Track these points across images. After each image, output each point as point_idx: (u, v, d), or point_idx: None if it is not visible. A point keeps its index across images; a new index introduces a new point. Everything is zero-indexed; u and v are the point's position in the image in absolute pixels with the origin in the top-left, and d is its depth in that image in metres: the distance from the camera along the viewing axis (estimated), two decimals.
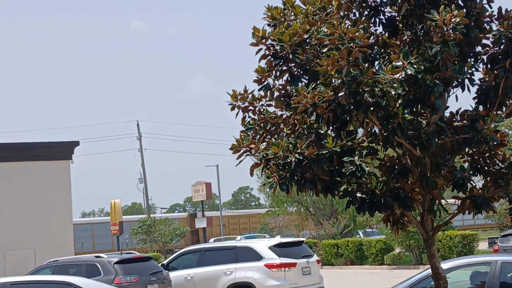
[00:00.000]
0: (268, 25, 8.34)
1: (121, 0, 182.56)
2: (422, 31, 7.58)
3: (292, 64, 7.83)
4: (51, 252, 24.61)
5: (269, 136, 8.16)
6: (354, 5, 7.92)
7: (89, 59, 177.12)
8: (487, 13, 7.80)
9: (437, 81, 7.27)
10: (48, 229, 27.44)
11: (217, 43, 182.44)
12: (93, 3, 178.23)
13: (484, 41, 7.92)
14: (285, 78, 7.96)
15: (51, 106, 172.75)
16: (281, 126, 8.21)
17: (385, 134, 7.37)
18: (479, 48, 7.98)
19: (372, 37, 7.88)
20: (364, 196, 7.62)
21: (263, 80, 8.08)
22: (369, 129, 7.63)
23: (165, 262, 19.92)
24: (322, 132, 7.79)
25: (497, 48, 7.87)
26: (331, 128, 7.69)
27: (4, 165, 27.41)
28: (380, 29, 8.06)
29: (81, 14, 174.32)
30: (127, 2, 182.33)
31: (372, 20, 7.97)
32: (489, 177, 8.05)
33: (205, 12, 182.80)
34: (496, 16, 7.88)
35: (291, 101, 7.68)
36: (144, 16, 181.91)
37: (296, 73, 7.89)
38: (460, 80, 7.67)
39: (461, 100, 8.00)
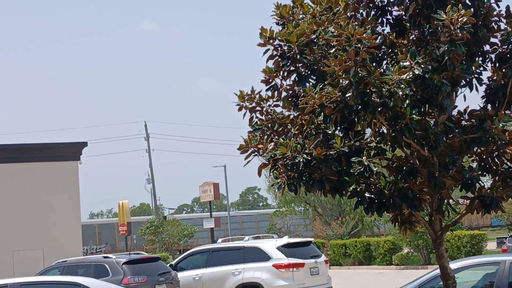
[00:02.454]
0: (277, 23, 8.33)
1: (131, 1, 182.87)
2: (430, 31, 7.56)
3: (300, 65, 7.82)
4: (60, 253, 24.68)
5: (276, 137, 8.16)
6: (361, 5, 7.91)
7: (97, 60, 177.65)
8: (495, 12, 7.76)
9: (444, 81, 7.25)
10: (57, 230, 27.53)
11: (225, 42, 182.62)
12: (103, 4, 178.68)
13: (492, 40, 7.89)
14: (292, 78, 7.95)
15: (59, 107, 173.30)
16: (288, 127, 8.20)
17: (393, 134, 7.36)
18: (487, 47, 7.94)
19: (379, 37, 7.86)
20: (372, 196, 7.61)
21: (270, 81, 8.07)
22: (377, 130, 7.62)
23: (173, 262, 19.95)
24: (330, 132, 7.79)
25: (505, 47, 7.84)
26: (339, 128, 7.69)
27: (12, 166, 27.51)
28: (387, 29, 8.04)
29: (90, 15, 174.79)
30: (138, 2, 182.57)
31: (379, 20, 7.95)
32: (497, 177, 8.02)
33: (214, 11, 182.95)
34: (504, 15, 7.86)
35: (299, 102, 7.68)
36: (154, 16, 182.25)
37: (303, 73, 7.87)
38: (468, 79, 7.64)
39: (470, 99, 7.99)
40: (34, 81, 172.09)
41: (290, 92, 8.10)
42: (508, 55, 7.81)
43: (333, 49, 7.24)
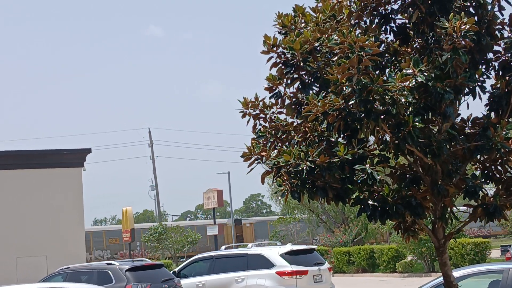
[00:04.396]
0: (279, 32, 8.35)
1: (137, 7, 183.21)
2: (433, 39, 7.57)
3: (303, 72, 7.83)
4: (63, 259, 24.68)
5: (280, 144, 8.17)
6: (365, 13, 7.92)
7: (100, 65, 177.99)
8: (499, 21, 7.77)
9: (447, 89, 7.25)
10: (60, 236, 27.55)
11: (229, 47, 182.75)
12: (107, 8, 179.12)
13: (495, 48, 7.90)
14: (296, 85, 7.96)
15: (63, 113, 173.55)
16: (292, 134, 8.21)
17: (396, 142, 7.36)
18: (490, 55, 7.94)
19: (383, 45, 7.88)
20: (375, 204, 7.61)
21: (274, 88, 8.08)
22: (380, 137, 7.63)
23: (176, 269, 19.94)
24: (333, 140, 7.79)
25: (508, 55, 7.85)
26: (342, 136, 7.69)
27: (16, 173, 27.56)
28: (391, 36, 8.05)
29: (94, 20, 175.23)
30: (143, 9, 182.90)
31: (383, 28, 7.96)
32: (500, 185, 8.02)
33: (220, 17, 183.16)
34: (508, 23, 7.87)
35: (302, 109, 7.69)
36: (160, 21, 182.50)
37: (307, 81, 7.88)
38: (471, 87, 7.64)
39: (473, 107, 7.98)
40: (37, 85, 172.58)
41: (294, 99, 8.11)
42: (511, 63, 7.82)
43: (336, 57, 7.25)
